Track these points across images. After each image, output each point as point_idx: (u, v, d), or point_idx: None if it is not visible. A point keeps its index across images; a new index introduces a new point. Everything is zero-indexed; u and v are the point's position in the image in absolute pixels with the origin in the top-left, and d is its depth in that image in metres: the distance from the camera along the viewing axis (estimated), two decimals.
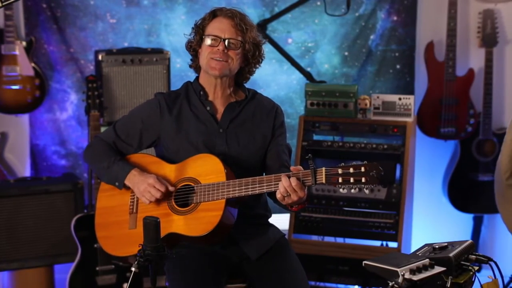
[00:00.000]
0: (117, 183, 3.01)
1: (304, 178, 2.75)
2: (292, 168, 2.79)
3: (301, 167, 2.80)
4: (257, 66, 3.09)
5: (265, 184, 2.81)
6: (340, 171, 2.71)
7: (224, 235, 2.90)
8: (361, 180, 2.70)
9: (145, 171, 3.00)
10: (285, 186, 2.73)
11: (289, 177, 2.74)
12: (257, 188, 2.82)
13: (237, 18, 2.96)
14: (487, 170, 4.79)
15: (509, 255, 4.59)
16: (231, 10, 2.99)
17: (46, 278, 4.34)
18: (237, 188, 2.83)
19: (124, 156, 3.08)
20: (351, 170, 2.71)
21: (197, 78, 3.10)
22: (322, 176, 2.73)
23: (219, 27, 2.96)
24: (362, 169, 2.70)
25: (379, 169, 2.69)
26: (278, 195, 2.77)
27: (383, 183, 2.73)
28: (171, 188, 2.93)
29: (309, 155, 2.77)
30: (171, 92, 3.14)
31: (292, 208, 2.85)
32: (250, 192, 2.83)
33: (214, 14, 3.00)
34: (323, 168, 2.74)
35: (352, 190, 2.74)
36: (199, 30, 3.01)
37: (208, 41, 2.96)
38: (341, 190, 2.76)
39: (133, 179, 2.97)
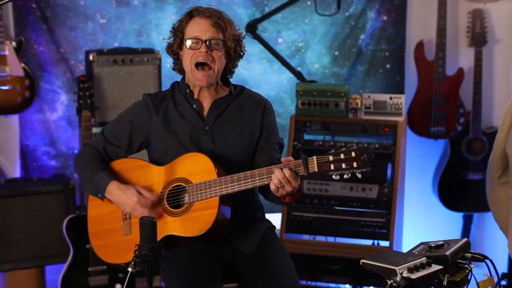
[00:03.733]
0: (99, 195, 3.00)
1: (296, 168, 2.75)
2: (282, 159, 2.78)
3: (291, 158, 2.79)
4: (239, 59, 3.08)
5: (257, 178, 2.80)
6: (331, 158, 2.71)
7: (221, 232, 2.91)
8: (352, 165, 2.70)
9: (131, 176, 3.00)
10: (279, 178, 2.72)
11: (281, 169, 2.74)
12: (249, 183, 2.82)
13: (215, 16, 2.95)
14: (477, 169, 4.82)
15: (498, 253, 4.61)
16: (208, 9, 2.98)
17: (37, 279, 4.33)
18: (229, 185, 2.83)
19: (109, 164, 3.06)
20: (342, 156, 2.70)
21: (183, 77, 3.11)
22: (314, 165, 2.73)
23: (199, 28, 2.94)
24: (353, 154, 2.70)
25: (369, 152, 2.71)
26: (272, 187, 2.76)
27: (374, 166, 2.73)
28: (155, 198, 2.92)
29: (299, 145, 2.78)
30: (158, 93, 3.15)
31: (285, 199, 2.84)
32: (243, 187, 2.82)
33: (191, 14, 2.99)
34: (314, 157, 2.73)
35: (345, 176, 2.72)
36: (178, 33, 3.00)
37: (189, 43, 2.95)
38: (333, 177, 2.73)
39: (114, 193, 2.95)
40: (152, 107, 3.04)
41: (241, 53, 3.07)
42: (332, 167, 2.70)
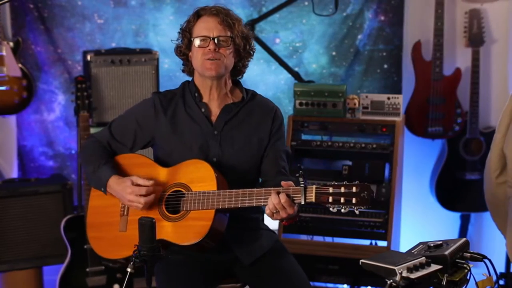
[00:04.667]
0: (102, 189, 2.99)
1: (294, 195, 2.69)
2: (283, 183, 2.72)
3: (292, 182, 2.73)
4: (249, 59, 3.05)
5: (255, 198, 2.76)
6: (331, 190, 2.64)
7: (214, 243, 2.88)
8: (351, 200, 2.63)
9: (134, 173, 2.97)
10: (274, 203, 2.67)
11: (278, 193, 2.68)
12: (246, 201, 2.78)
13: (222, 14, 2.93)
14: (474, 169, 4.83)
15: (495, 253, 4.62)
16: (215, 7, 2.95)
17: (35, 279, 4.32)
18: (227, 200, 2.79)
19: (115, 157, 3.05)
20: (342, 189, 2.63)
21: (192, 79, 3.07)
22: (312, 195, 2.66)
23: (206, 27, 2.92)
24: (354, 189, 2.63)
25: (370, 190, 2.63)
26: (267, 211, 2.72)
27: (372, 205, 2.69)
28: (157, 189, 2.89)
29: (300, 171, 2.68)
30: (167, 92, 3.10)
31: (282, 222, 2.82)
32: (239, 205, 2.78)
33: (198, 14, 2.97)
34: (314, 186, 2.66)
35: (342, 210, 2.67)
36: (186, 34, 2.97)
37: (197, 42, 2.92)
38: (331, 209, 2.69)
39: (113, 187, 2.94)
40: (159, 107, 3.01)
41: (251, 52, 3.03)
42: (330, 199, 2.63)
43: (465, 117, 4.78)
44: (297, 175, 2.69)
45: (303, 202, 2.67)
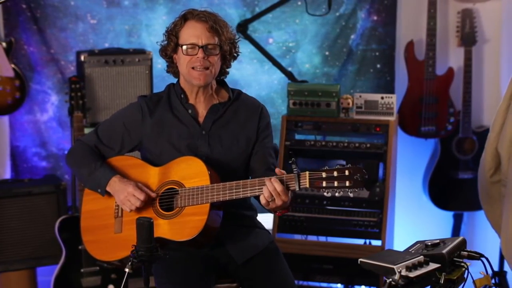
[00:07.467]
0: (99, 190, 2.99)
1: (288, 182, 2.72)
2: (276, 170, 2.76)
3: (284, 171, 2.76)
4: (233, 60, 3.07)
5: (249, 188, 2.79)
6: (324, 174, 2.68)
7: (210, 238, 2.89)
8: (345, 184, 2.67)
9: (128, 174, 2.99)
10: (269, 190, 2.70)
11: (273, 181, 2.70)
12: (241, 192, 2.80)
13: (210, 20, 2.92)
14: (467, 168, 4.84)
15: (488, 252, 4.57)
16: (203, 12, 2.94)
17: (29, 281, 4.31)
18: (221, 192, 2.82)
19: (106, 160, 3.06)
20: (335, 173, 2.68)
21: (178, 81, 3.08)
22: (306, 181, 2.70)
23: (194, 34, 2.91)
24: (346, 172, 2.67)
25: (363, 172, 2.67)
26: (263, 201, 2.74)
27: (367, 187, 2.72)
28: (152, 195, 2.92)
29: (292, 159, 2.73)
30: (153, 95, 3.11)
31: (276, 213, 2.85)
32: (234, 196, 2.81)
33: (185, 18, 2.96)
34: (307, 172, 2.70)
35: (337, 194, 2.71)
36: (172, 37, 2.96)
37: (185, 49, 2.92)
38: (325, 194, 2.73)
39: (114, 186, 2.95)
40: (146, 110, 3.02)
41: (235, 55, 3.05)
42: (324, 184, 2.68)
43: (457, 116, 4.80)
44: (290, 162, 2.72)
45: (297, 189, 2.71)
